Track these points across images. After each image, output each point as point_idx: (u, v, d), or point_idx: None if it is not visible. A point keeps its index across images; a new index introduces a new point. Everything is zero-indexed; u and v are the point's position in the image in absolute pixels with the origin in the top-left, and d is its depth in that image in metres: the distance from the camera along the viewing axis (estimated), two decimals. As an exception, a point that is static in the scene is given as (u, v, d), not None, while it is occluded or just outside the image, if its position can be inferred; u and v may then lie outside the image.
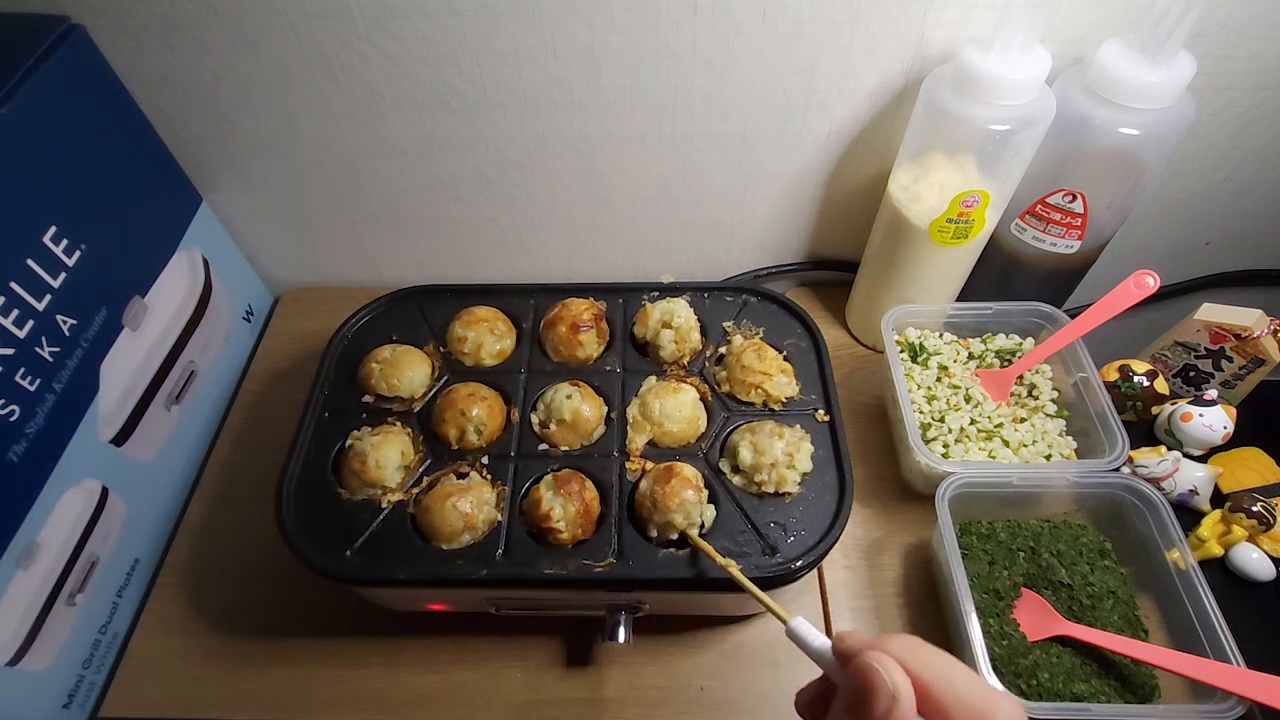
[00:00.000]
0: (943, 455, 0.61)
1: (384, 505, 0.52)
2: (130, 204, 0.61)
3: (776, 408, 0.57)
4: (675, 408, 0.56)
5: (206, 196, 0.71)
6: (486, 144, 0.68)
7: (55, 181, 0.53)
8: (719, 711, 0.55)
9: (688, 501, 0.50)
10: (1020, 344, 0.69)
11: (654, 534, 0.51)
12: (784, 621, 0.36)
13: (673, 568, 0.49)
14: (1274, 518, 0.57)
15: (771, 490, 0.52)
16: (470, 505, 0.51)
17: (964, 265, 0.68)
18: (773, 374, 0.57)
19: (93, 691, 0.58)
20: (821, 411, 0.56)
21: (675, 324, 0.60)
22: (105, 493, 0.58)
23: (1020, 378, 0.67)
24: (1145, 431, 0.68)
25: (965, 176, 0.59)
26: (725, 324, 0.62)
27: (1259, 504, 0.57)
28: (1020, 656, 0.53)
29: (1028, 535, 0.59)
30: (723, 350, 0.61)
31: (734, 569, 0.46)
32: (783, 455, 0.52)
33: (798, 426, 0.55)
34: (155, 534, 0.65)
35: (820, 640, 0.34)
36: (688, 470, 0.52)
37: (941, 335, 0.70)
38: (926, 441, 0.62)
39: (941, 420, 0.63)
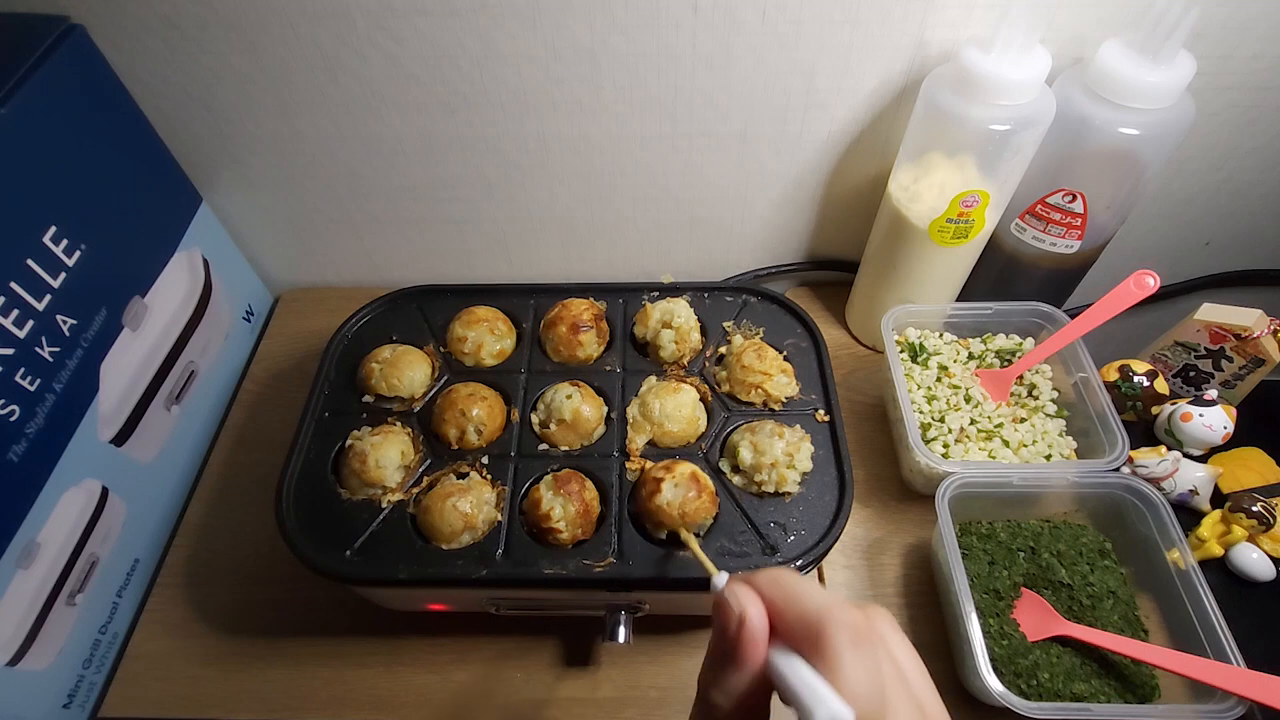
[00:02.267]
0: (943, 455, 0.61)
1: (384, 505, 0.52)
2: (130, 204, 0.61)
3: (776, 407, 0.57)
4: (675, 408, 0.56)
5: (206, 196, 0.71)
6: (486, 144, 0.68)
7: (55, 181, 0.53)
8: (719, 711, 0.55)
9: (705, 509, 0.51)
10: (1020, 344, 0.69)
11: (663, 534, 0.51)
12: (710, 574, 0.37)
13: (673, 568, 0.49)
14: (1274, 518, 0.57)
15: (771, 490, 0.52)
16: (470, 505, 0.51)
17: (964, 265, 0.68)
18: (773, 374, 0.57)
19: (93, 691, 0.58)
20: (821, 411, 0.56)
21: (675, 324, 0.60)
22: (105, 493, 0.58)
23: (1020, 378, 0.67)
24: (1145, 431, 0.68)
25: (965, 176, 0.59)
26: (725, 324, 0.62)
27: (1259, 504, 0.57)
28: (1020, 656, 0.53)
29: (1028, 535, 0.59)
30: (723, 350, 0.61)
31: (685, 533, 0.47)
32: (783, 455, 0.52)
33: (798, 426, 0.55)
34: (155, 534, 0.65)
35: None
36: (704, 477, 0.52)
37: (941, 335, 0.70)
38: (926, 441, 0.62)
39: (941, 420, 0.63)
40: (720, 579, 0.35)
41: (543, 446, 0.56)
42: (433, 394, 0.59)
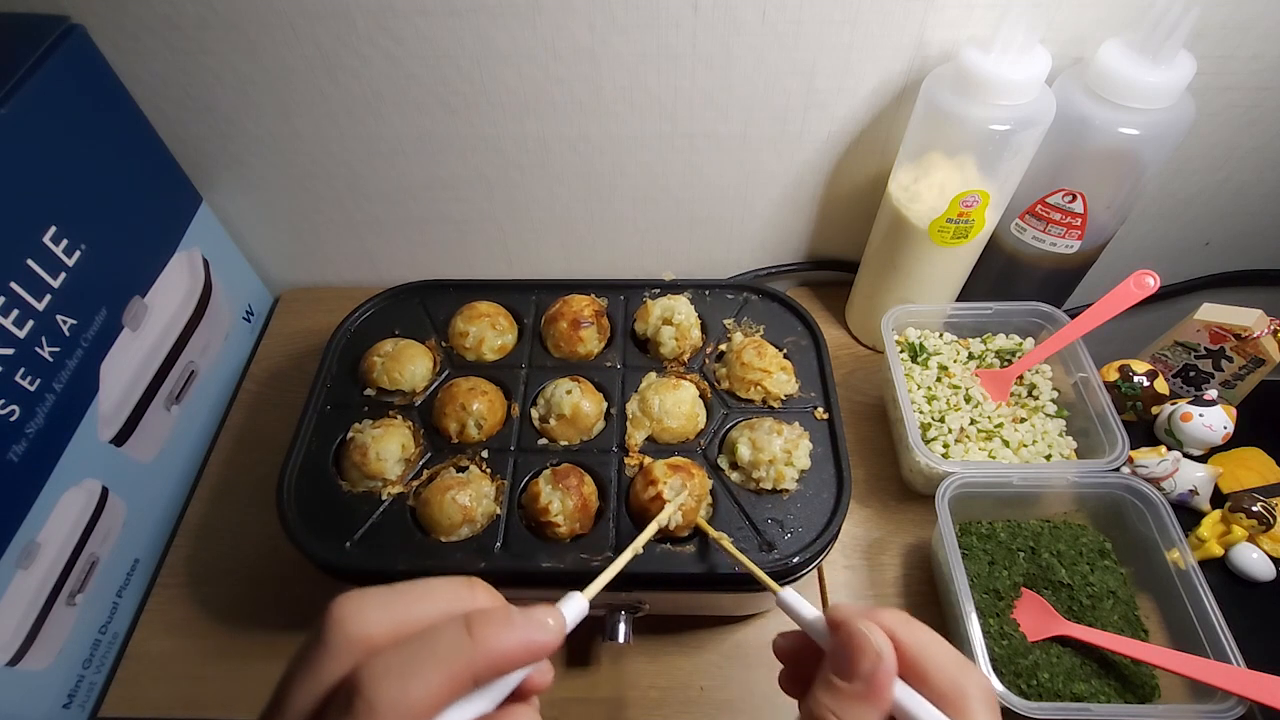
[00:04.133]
0: (943, 455, 0.61)
1: (384, 497, 0.52)
2: (130, 204, 0.61)
3: (776, 405, 0.57)
4: (675, 404, 0.56)
5: (206, 196, 0.71)
6: (486, 144, 0.68)
7: (55, 181, 0.53)
8: (719, 711, 0.55)
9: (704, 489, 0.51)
10: (1020, 344, 0.69)
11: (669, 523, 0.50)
12: (774, 591, 0.37)
13: (671, 564, 0.49)
14: (1274, 518, 0.57)
15: (769, 487, 0.52)
16: (469, 498, 0.51)
17: (964, 265, 0.68)
18: (772, 371, 0.57)
19: (93, 691, 0.58)
20: (820, 409, 0.56)
21: (676, 320, 0.60)
22: (105, 493, 0.58)
23: (1020, 378, 0.67)
24: (1145, 431, 0.68)
25: (965, 176, 0.59)
26: (726, 321, 0.62)
27: (1259, 504, 0.57)
28: (1020, 656, 0.53)
29: (1028, 535, 0.59)
30: (723, 347, 0.61)
31: (725, 541, 0.46)
32: (781, 452, 0.52)
33: (796, 424, 0.55)
34: (155, 534, 0.65)
35: (811, 610, 0.35)
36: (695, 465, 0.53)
37: (941, 335, 0.70)
38: (926, 441, 0.62)
39: (941, 420, 0.63)
40: (788, 595, 0.36)
41: (542, 441, 0.56)
42: (434, 388, 0.59)
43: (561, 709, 0.55)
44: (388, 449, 0.53)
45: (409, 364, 0.58)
